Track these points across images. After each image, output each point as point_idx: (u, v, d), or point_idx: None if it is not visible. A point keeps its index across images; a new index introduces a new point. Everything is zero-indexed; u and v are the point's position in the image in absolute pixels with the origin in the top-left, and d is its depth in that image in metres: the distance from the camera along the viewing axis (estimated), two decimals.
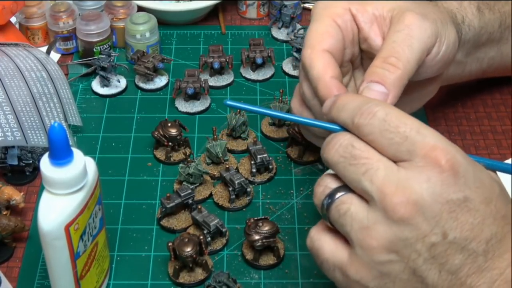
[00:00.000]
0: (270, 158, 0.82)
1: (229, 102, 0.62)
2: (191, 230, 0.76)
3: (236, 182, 0.78)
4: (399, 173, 0.53)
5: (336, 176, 0.57)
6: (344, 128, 0.57)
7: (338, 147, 0.55)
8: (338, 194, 0.56)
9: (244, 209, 0.80)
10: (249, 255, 0.74)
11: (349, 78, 0.74)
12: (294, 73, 0.98)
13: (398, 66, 0.64)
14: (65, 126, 0.84)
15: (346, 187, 0.56)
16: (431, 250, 0.52)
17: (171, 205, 0.76)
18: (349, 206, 0.55)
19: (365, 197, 0.54)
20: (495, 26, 0.83)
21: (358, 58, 0.73)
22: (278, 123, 0.88)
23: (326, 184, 0.57)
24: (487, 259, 0.53)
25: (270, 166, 0.83)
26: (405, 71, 0.64)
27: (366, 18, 0.70)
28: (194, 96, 0.92)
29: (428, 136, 0.53)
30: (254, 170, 0.82)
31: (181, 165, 0.80)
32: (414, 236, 0.52)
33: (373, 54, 0.68)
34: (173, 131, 0.83)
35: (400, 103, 0.66)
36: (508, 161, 0.83)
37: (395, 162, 0.54)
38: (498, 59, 0.86)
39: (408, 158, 0.53)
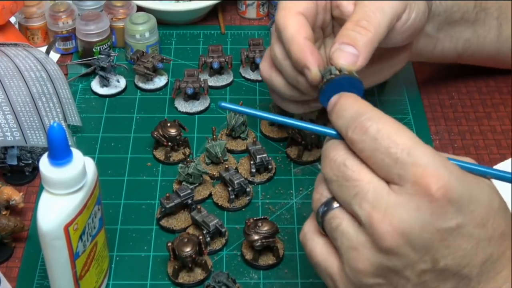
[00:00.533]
0: (270, 158, 0.82)
1: (223, 104, 0.59)
2: (191, 230, 0.76)
3: (235, 182, 0.78)
4: (389, 198, 0.51)
5: None
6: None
7: (333, 165, 0.54)
8: (333, 205, 0.55)
9: (243, 209, 0.80)
10: (248, 255, 0.74)
11: (319, 45, 0.75)
12: None
13: (369, 29, 0.65)
14: (64, 126, 0.84)
15: None
16: (421, 276, 0.51)
17: (170, 205, 0.76)
18: (340, 222, 0.54)
19: (356, 218, 0.53)
20: (469, 6, 0.84)
21: (329, 26, 0.74)
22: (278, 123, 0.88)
23: (321, 192, 0.56)
24: (480, 281, 0.52)
25: (270, 166, 0.83)
26: (375, 34, 0.66)
27: None
28: (194, 96, 0.92)
29: (419, 159, 0.50)
30: (253, 170, 0.82)
31: (180, 165, 0.80)
32: (402, 264, 0.51)
33: (345, 21, 0.69)
34: (173, 131, 0.83)
35: (370, 71, 0.68)
36: (508, 161, 0.83)
37: (388, 182, 0.52)
38: (474, 42, 0.87)
39: (398, 183, 0.51)
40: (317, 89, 0.68)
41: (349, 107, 0.55)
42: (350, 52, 0.64)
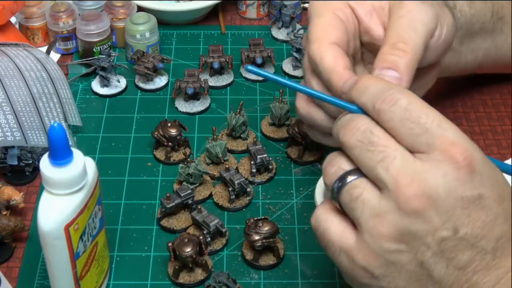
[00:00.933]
0: (270, 158, 0.82)
1: (249, 67, 0.59)
2: (191, 230, 0.76)
3: (236, 182, 0.78)
4: (415, 164, 0.52)
5: (349, 157, 0.56)
6: (363, 111, 0.56)
7: (356, 131, 0.54)
8: (351, 178, 0.55)
9: (244, 209, 0.80)
10: (249, 255, 0.74)
11: None
12: (294, 73, 0.98)
13: (407, 50, 0.65)
14: (65, 126, 0.84)
15: (358, 170, 0.55)
16: (441, 244, 0.52)
17: (171, 205, 0.76)
18: (361, 191, 0.54)
19: (378, 184, 0.53)
20: (487, 16, 0.83)
21: (358, 53, 0.74)
22: (278, 123, 0.88)
23: (339, 165, 0.56)
24: (495, 257, 0.53)
25: (270, 166, 0.83)
26: (414, 54, 0.65)
27: (365, 9, 0.71)
28: (194, 96, 0.92)
29: (448, 131, 0.53)
30: (254, 170, 0.82)
31: (181, 165, 0.80)
32: (425, 229, 0.52)
33: (375, 45, 0.69)
34: (173, 131, 0.83)
35: None
36: (508, 161, 0.83)
37: (412, 152, 0.53)
38: (493, 51, 0.87)
39: (426, 150, 0.52)
40: None
41: (374, 84, 0.56)
42: (392, 76, 0.63)
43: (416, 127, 0.53)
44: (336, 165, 0.56)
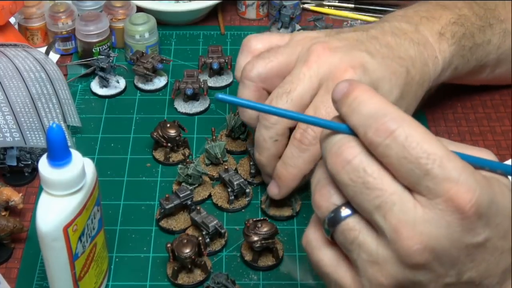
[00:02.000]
0: None
1: (221, 96, 0.51)
2: (190, 231, 0.76)
3: (235, 183, 0.78)
4: (416, 212, 0.47)
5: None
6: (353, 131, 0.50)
7: (347, 165, 0.49)
8: (344, 213, 0.50)
9: (243, 210, 0.79)
10: (248, 256, 0.74)
11: None
12: None
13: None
14: (64, 127, 0.84)
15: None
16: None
17: (170, 206, 0.76)
18: (357, 234, 0.50)
19: (375, 227, 0.49)
20: (474, 29, 0.84)
21: None
22: None
23: (328, 197, 0.51)
24: (501, 286, 0.51)
25: None
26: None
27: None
28: (193, 97, 0.92)
29: (452, 171, 0.47)
30: (253, 171, 0.82)
31: (180, 166, 0.80)
32: (427, 278, 0.49)
33: None
34: (172, 132, 0.83)
35: None
36: (508, 162, 0.83)
37: (411, 191, 0.48)
38: (497, 48, 0.87)
39: (427, 195, 0.47)
40: None
41: (367, 102, 0.49)
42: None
43: (415, 169, 0.47)
44: (326, 197, 0.51)
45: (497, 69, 0.89)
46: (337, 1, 1.12)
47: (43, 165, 0.59)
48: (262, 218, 0.73)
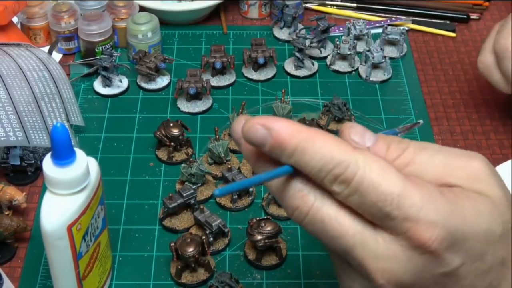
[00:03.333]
0: None
1: (218, 192, 0.46)
2: (193, 230, 0.76)
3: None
4: (377, 248, 0.47)
5: None
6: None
7: (306, 220, 0.48)
8: None
9: (246, 209, 0.79)
10: (251, 255, 0.74)
11: None
12: (296, 73, 0.98)
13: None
14: (67, 126, 0.84)
15: None
16: None
17: (173, 205, 0.76)
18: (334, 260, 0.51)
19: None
20: None
21: None
22: None
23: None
24: None
25: None
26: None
27: None
28: (196, 96, 0.92)
29: (409, 210, 0.46)
30: None
31: (183, 165, 0.80)
32: None
33: None
34: (175, 131, 0.83)
35: None
36: (509, 162, 0.83)
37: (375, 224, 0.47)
38: None
39: (389, 232, 0.47)
40: None
41: (310, 150, 0.46)
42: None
43: (375, 212, 0.46)
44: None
45: None
46: (339, 0, 1.12)
47: (47, 164, 0.59)
48: (265, 217, 0.73)
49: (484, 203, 0.48)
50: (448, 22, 1.08)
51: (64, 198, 0.60)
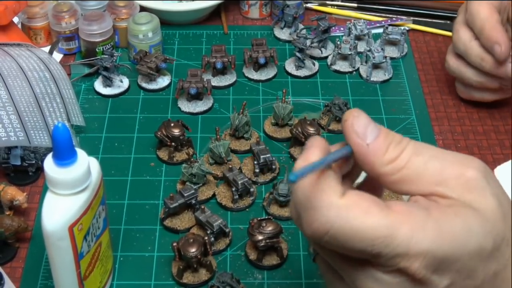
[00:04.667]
0: (273, 158, 0.82)
1: (293, 178, 0.46)
2: (195, 230, 0.76)
3: (239, 182, 0.78)
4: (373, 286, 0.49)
5: None
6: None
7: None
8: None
9: (247, 209, 0.80)
10: (252, 255, 0.74)
11: None
12: (297, 73, 0.98)
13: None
14: (68, 126, 0.84)
15: None
16: None
17: (174, 205, 0.76)
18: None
19: None
20: None
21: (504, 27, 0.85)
22: (281, 123, 0.88)
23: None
24: None
25: (273, 166, 0.83)
26: None
27: None
28: (197, 96, 0.92)
29: (398, 248, 0.46)
30: (257, 170, 0.82)
31: (184, 165, 0.80)
32: None
33: None
34: (176, 131, 0.83)
35: None
36: (509, 162, 0.83)
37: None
38: None
39: (380, 268, 0.48)
40: (502, 67, 0.84)
41: (297, 191, 0.48)
42: None
43: (364, 255, 0.48)
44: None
45: None
46: (340, 0, 1.12)
47: (49, 164, 0.59)
48: (266, 218, 0.73)
49: (475, 218, 0.48)
50: (448, 22, 1.08)
51: (66, 198, 0.60)
